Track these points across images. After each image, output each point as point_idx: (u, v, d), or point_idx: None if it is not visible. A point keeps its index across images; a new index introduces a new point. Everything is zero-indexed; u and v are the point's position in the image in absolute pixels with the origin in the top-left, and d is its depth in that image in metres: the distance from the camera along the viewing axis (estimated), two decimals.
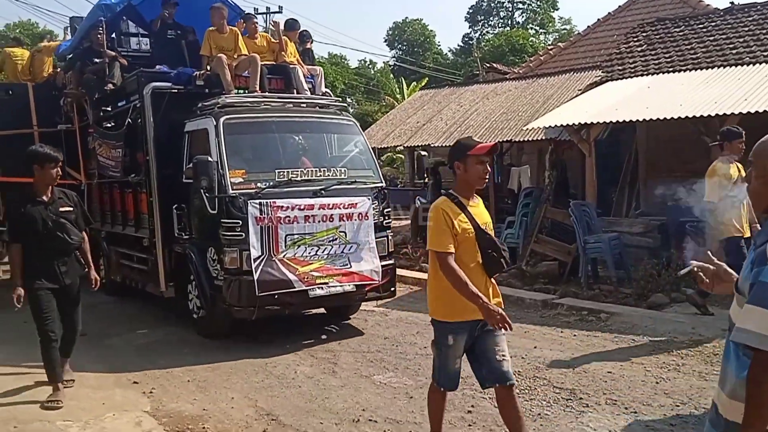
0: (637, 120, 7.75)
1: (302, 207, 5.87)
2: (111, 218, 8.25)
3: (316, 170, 6.23)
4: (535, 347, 5.78)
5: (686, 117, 7.23)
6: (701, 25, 9.71)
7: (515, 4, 46.75)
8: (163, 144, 6.65)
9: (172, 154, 6.60)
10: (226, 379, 5.20)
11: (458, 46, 48.21)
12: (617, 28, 13.17)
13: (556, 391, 4.67)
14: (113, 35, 8.98)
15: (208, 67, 6.90)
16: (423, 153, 7.13)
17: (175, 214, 6.54)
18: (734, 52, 8.73)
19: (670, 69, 9.05)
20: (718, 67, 8.55)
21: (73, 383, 4.93)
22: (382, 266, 6.24)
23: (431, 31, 49.60)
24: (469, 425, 4.18)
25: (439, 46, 50.62)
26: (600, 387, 4.71)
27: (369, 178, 6.55)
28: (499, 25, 46.97)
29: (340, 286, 5.98)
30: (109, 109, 8.08)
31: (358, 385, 4.95)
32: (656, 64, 9.36)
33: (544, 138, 10.01)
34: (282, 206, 5.79)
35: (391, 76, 37.37)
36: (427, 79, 28.86)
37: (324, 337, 6.32)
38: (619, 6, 14.10)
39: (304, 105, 6.86)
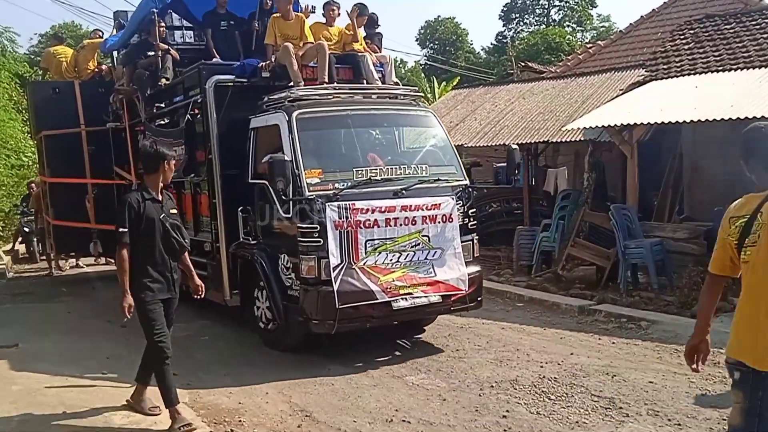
0: (684, 121, 7.49)
1: (383, 209, 5.36)
2: None
3: (395, 168, 5.66)
4: (571, 354, 5.64)
5: (737, 118, 6.94)
6: (754, 22, 9.29)
7: (551, 2, 46.01)
8: (225, 142, 6.22)
9: (235, 153, 6.14)
10: (261, 374, 5.23)
11: (491, 44, 47.66)
12: (662, 26, 12.78)
13: (595, 399, 4.55)
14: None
15: (273, 58, 6.39)
16: (514, 146, 6.35)
17: (240, 216, 6.05)
18: None
19: (720, 68, 8.70)
20: None
21: (159, 410, 4.34)
22: (469, 274, 5.66)
23: (464, 29, 49.12)
24: (505, 430, 4.09)
25: (472, 44, 50.12)
26: (641, 397, 4.56)
27: (452, 176, 5.93)
28: (535, 23, 46.26)
29: (425, 296, 5.42)
30: (163, 105, 7.69)
31: (390, 386, 4.92)
32: (704, 62, 9.03)
33: (582, 139, 9.78)
34: (362, 209, 5.29)
35: (423, 75, 37.17)
36: (459, 78, 28.58)
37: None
38: (664, 2, 13.67)
39: (375, 96, 6.27)
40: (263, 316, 5.94)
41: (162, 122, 7.77)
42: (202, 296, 4.45)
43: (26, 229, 12.28)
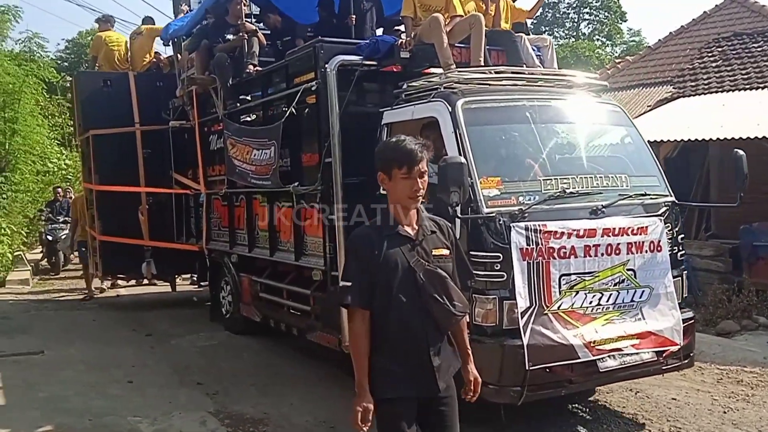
0: (711, 139, 7.48)
1: (581, 233, 3.97)
2: (248, 239, 6.34)
3: (589, 178, 4.26)
4: None
5: (763, 137, 6.92)
6: None
7: (581, 15, 45.84)
8: (346, 142, 4.86)
9: (357, 156, 4.66)
10: (286, 385, 5.27)
11: None
12: (690, 43, 12.69)
13: (618, 415, 4.57)
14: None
15: (413, 34, 5.09)
16: (740, 152, 4.71)
17: None
18: None
19: (747, 86, 8.68)
20: None
21: None
22: (683, 321, 4.26)
23: None
24: None
25: None
26: (664, 413, 4.59)
27: (654, 189, 4.51)
28: (564, 36, 46.14)
29: (636, 353, 4.04)
30: (249, 98, 6.32)
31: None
32: (732, 80, 9.00)
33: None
34: (555, 232, 3.91)
35: None
36: None
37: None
38: (693, 19, 13.58)
39: (541, 82, 4.90)
40: None
41: (247, 118, 6.41)
42: (474, 398, 2.71)
43: (49, 238, 11.18)
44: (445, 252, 2.53)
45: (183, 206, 8.05)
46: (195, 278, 8.54)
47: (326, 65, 4.86)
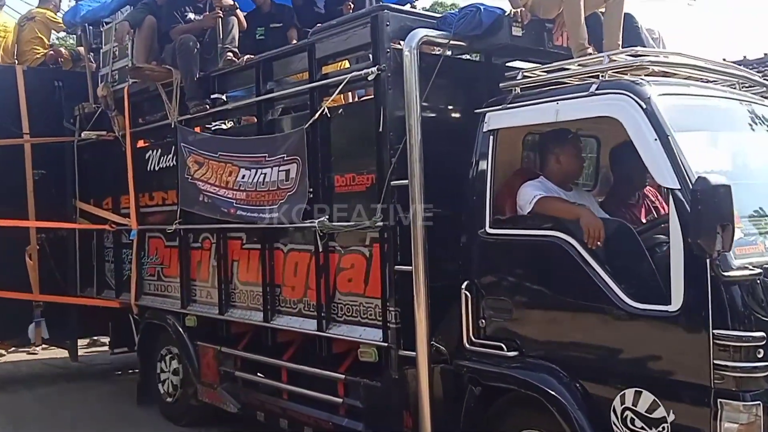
0: None
1: None
2: (219, 295, 4.71)
3: None
4: None
5: None
6: None
7: None
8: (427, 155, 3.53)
9: (431, 177, 3.44)
10: (133, 427, 5.09)
11: None
12: None
13: None
14: None
15: (525, 3, 3.75)
16: None
17: (467, 300, 3.22)
18: None
19: None
20: None
21: None
22: None
23: None
24: None
25: None
26: None
27: None
28: None
29: None
30: (224, 98, 4.76)
31: None
32: None
33: None
34: None
35: None
36: None
37: None
38: None
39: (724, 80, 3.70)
40: None
41: (222, 126, 4.87)
42: None
43: None
44: None
45: (93, 247, 6.20)
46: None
47: (394, 44, 3.53)
